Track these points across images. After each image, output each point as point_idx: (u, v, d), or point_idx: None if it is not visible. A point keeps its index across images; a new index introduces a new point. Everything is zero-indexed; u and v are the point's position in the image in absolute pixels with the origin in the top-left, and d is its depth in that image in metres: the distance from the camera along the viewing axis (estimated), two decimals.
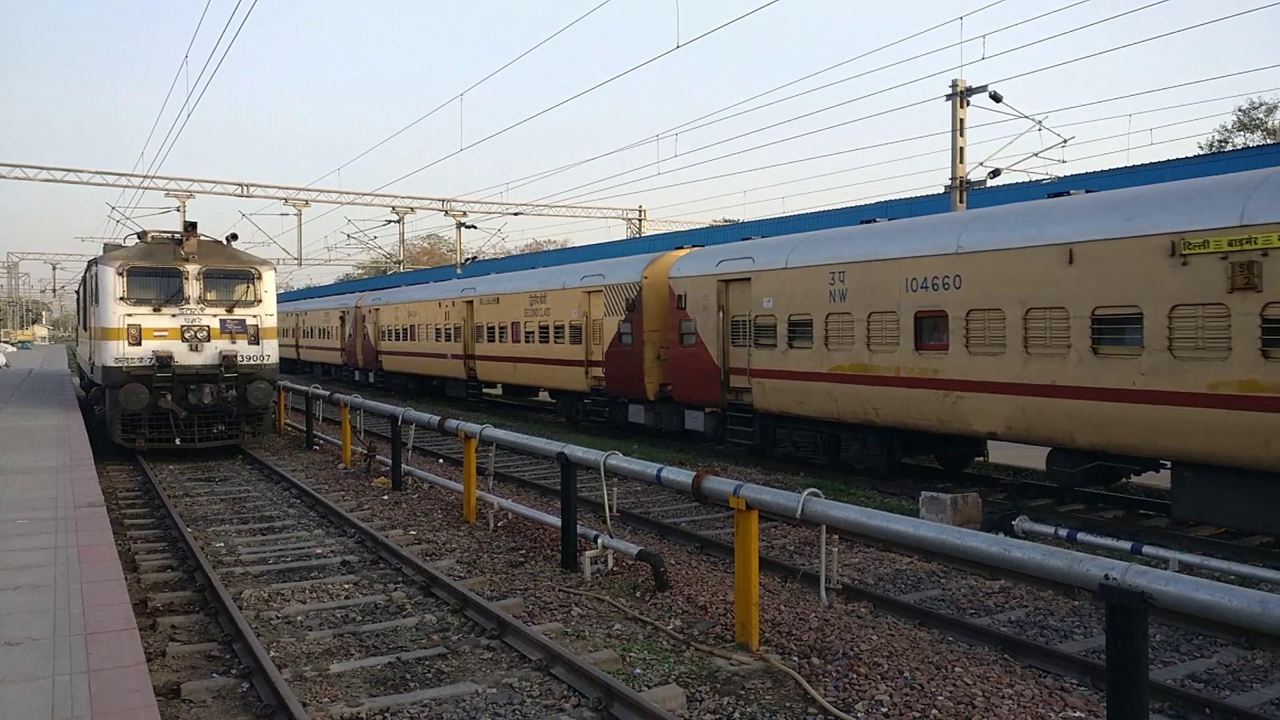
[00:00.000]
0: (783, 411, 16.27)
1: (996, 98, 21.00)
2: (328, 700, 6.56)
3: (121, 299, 18.42)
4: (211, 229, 67.74)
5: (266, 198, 45.20)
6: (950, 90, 21.59)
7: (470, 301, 28.89)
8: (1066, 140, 21.91)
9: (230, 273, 19.55)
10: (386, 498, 14.78)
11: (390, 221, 50.28)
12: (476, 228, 49.93)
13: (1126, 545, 10.15)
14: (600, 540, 10.05)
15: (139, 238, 20.32)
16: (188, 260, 19.07)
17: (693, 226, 48.85)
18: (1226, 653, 7.56)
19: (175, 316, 18.73)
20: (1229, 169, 14.08)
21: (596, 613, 8.62)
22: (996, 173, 21.78)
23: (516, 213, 51.24)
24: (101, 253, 20.01)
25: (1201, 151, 43.48)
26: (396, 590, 9.38)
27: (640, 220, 53.08)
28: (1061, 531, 10.76)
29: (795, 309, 15.78)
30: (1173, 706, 6.45)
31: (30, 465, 13.59)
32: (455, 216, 49.40)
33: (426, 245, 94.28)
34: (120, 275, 18.49)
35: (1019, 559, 5.59)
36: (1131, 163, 27.66)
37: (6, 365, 48.01)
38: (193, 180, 42.66)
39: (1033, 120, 21.67)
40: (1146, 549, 9.95)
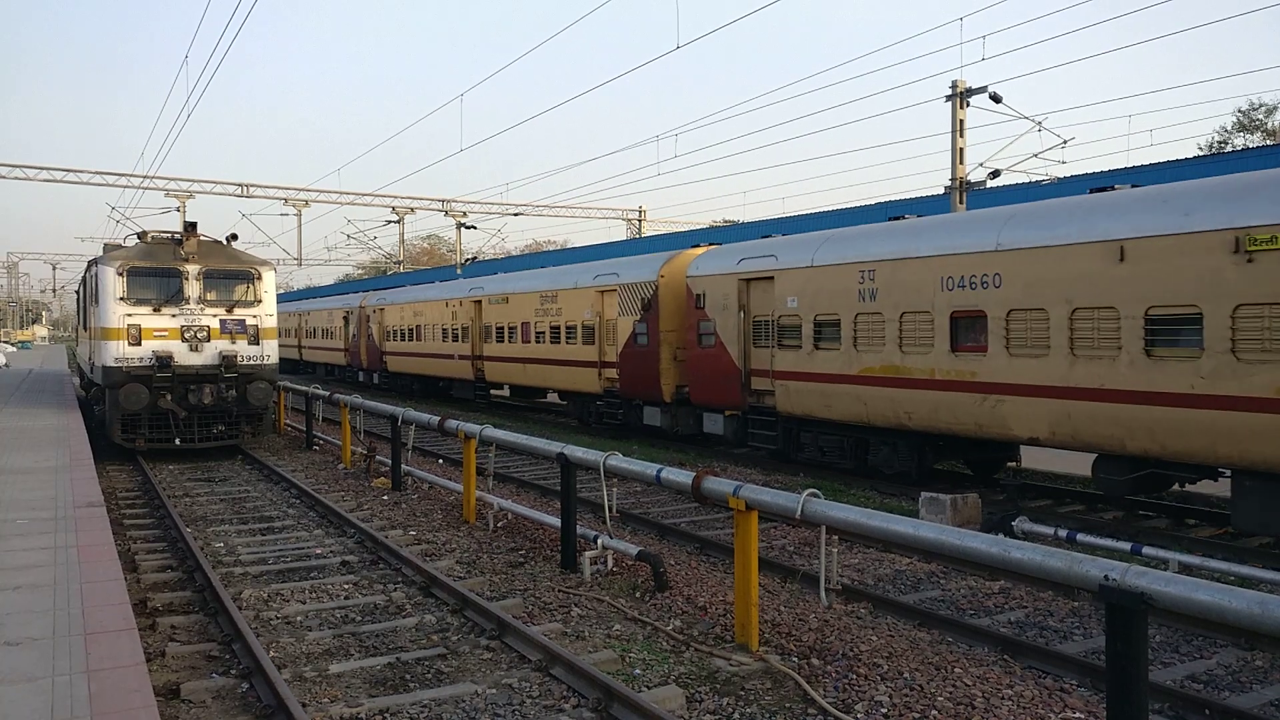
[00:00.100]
0: (807, 415, 15.74)
1: (996, 98, 21.01)
2: (327, 700, 6.56)
3: (121, 299, 18.43)
4: (211, 229, 67.76)
5: (266, 198, 45.20)
6: (950, 91, 21.59)
7: (478, 301, 28.44)
8: (1066, 141, 21.92)
9: (230, 273, 19.56)
10: (386, 498, 14.79)
11: (390, 222, 50.28)
12: (476, 228, 49.96)
13: (1126, 546, 10.15)
14: (600, 541, 10.05)
15: (139, 238, 20.34)
16: (188, 260, 19.08)
17: (693, 227, 48.84)
18: (1226, 654, 7.57)
19: (175, 316, 18.74)
20: (1229, 170, 14.06)
21: (596, 613, 8.62)
22: (996, 173, 21.79)
23: (516, 213, 51.26)
24: (101, 253, 20.02)
25: (1201, 152, 43.49)
26: (396, 590, 9.38)
27: (640, 221, 53.09)
28: (1061, 532, 10.75)
29: (822, 309, 15.27)
30: (1172, 707, 6.45)
31: (30, 465, 13.59)
32: (455, 217, 49.41)
33: (426, 246, 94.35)
34: (120, 275, 18.50)
35: (1019, 560, 5.59)
36: (1131, 164, 27.63)
37: (6, 365, 48.02)
38: (193, 180, 42.67)
39: (1032, 121, 21.68)
40: (1146, 550, 9.95)
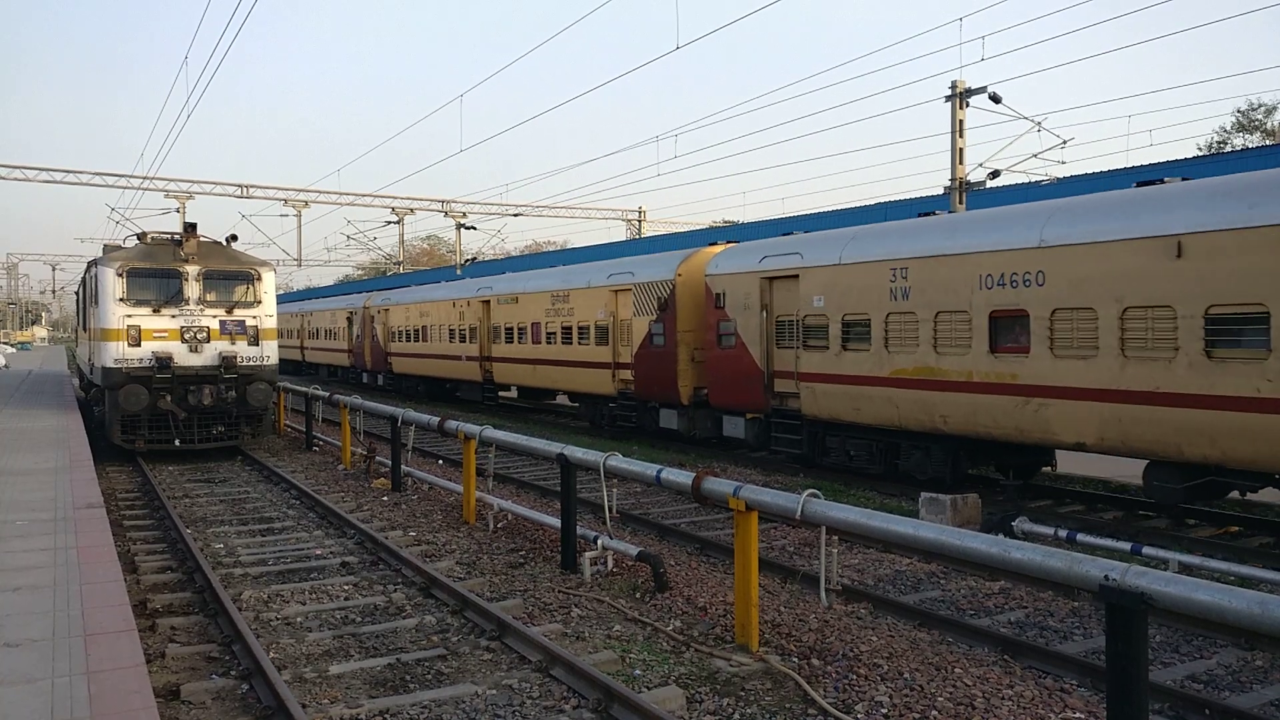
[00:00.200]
0: (834, 418, 15.18)
1: (996, 99, 21.01)
2: (327, 701, 6.56)
3: (121, 300, 18.44)
4: (211, 230, 67.70)
5: (266, 199, 45.23)
6: (950, 91, 21.60)
7: (487, 301, 27.94)
8: (1066, 141, 21.92)
9: (230, 274, 19.56)
10: (386, 499, 14.78)
11: (390, 222, 50.26)
12: (476, 229, 49.93)
13: (1126, 546, 10.14)
14: (600, 541, 10.05)
15: (139, 239, 20.35)
16: (187, 261, 19.09)
17: (693, 227, 48.82)
18: (1226, 654, 7.56)
19: (175, 317, 18.74)
20: (1229, 170, 14.04)
21: (596, 614, 8.62)
22: (996, 174, 21.79)
23: (516, 214, 51.25)
24: (101, 254, 20.03)
25: (1201, 152, 43.51)
26: (396, 591, 9.38)
27: (640, 221, 53.09)
28: (1061, 532, 10.75)
29: (850, 308, 14.71)
30: (1172, 707, 6.45)
31: (30, 466, 13.59)
32: (455, 218, 49.40)
33: (426, 246, 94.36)
34: (120, 276, 18.50)
35: (1019, 560, 5.59)
36: (1131, 164, 27.63)
37: (6, 366, 48.00)
38: (192, 181, 42.68)
39: (1032, 121, 21.68)
40: (1146, 550, 9.94)
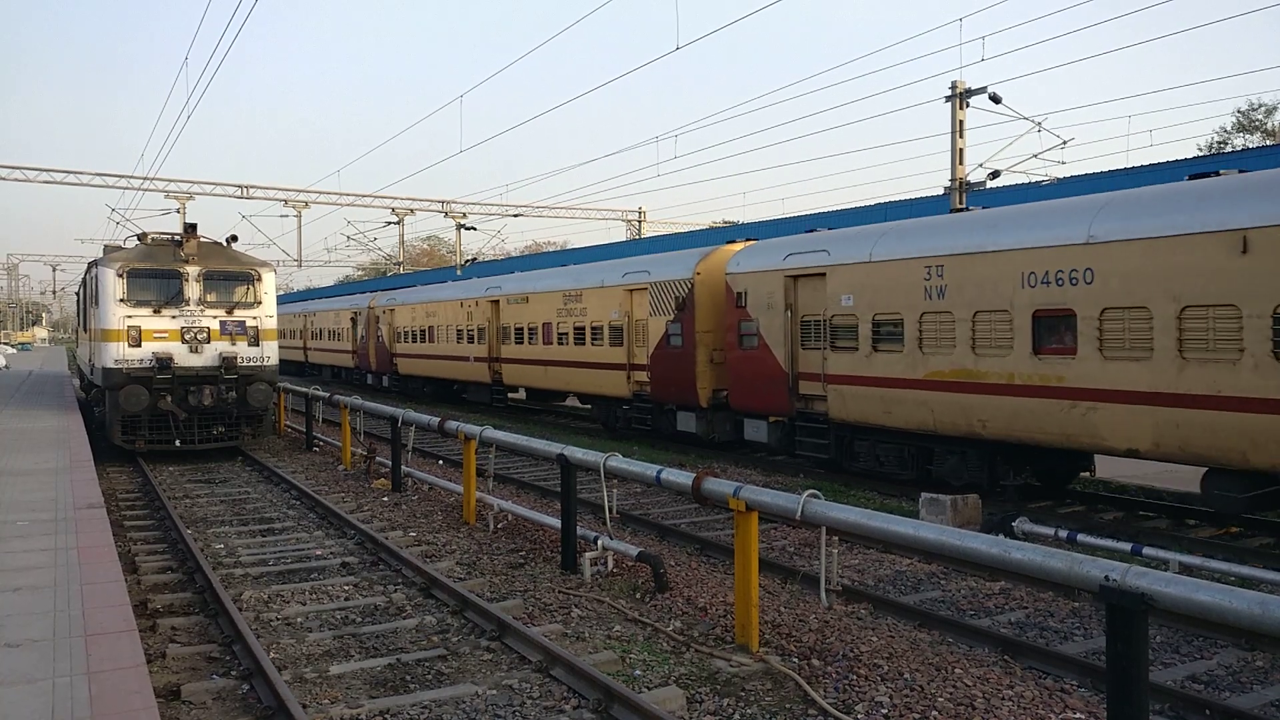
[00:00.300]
0: (863, 422, 14.61)
1: (996, 99, 21.00)
2: (328, 702, 6.56)
3: (121, 301, 18.44)
4: (211, 230, 67.78)
5: (266, 199, 45.20)
6: (950, 92, 21.60)
7: (496, 301, 27.39)
8: (1066, 141, 21.91)
9: (230, 274, 19.57)
10: (386, 499, 14.79)
11: (390, 223, 50.25)
12: (476, 229, 49.90)
13: (1126, 546, 10.14)
14: (600, 542, 10.05)
15: (139, 239, 20.35)
16: (188, 262, 19.10)
17: (693, 228, 48.81)
18: (1227, 654, 7.57)
19: (175, 318, 18.75)
20: (1230, 169, 14.01)
21: (596, 614, 8.62)
22: (996, 174, 21.78)
23: (516, 214, 51.23)
24: (101, 254, 20.03)
25: (1201, 152, 43.51)
26: (396, 592, 9.38)
27: (640, 222, 53.10)
28: (1061, 533, 10.75)
29: (881, 307, 14.17)
30: (1173, 708, 6.45)
31: (30, 467, 13.59)
32: (455, 218, 49.39)
33: (426, 247, 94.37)
34: (120, 277, 18.51)
35: (1019, 560, 5.59)
36: (1131, 164, 27.62)
37: (6, 367, 48.00)
38: (192, 182, 42.66)
39: (1032, 122, 21.67)
40: (1147, 550, 9.94)
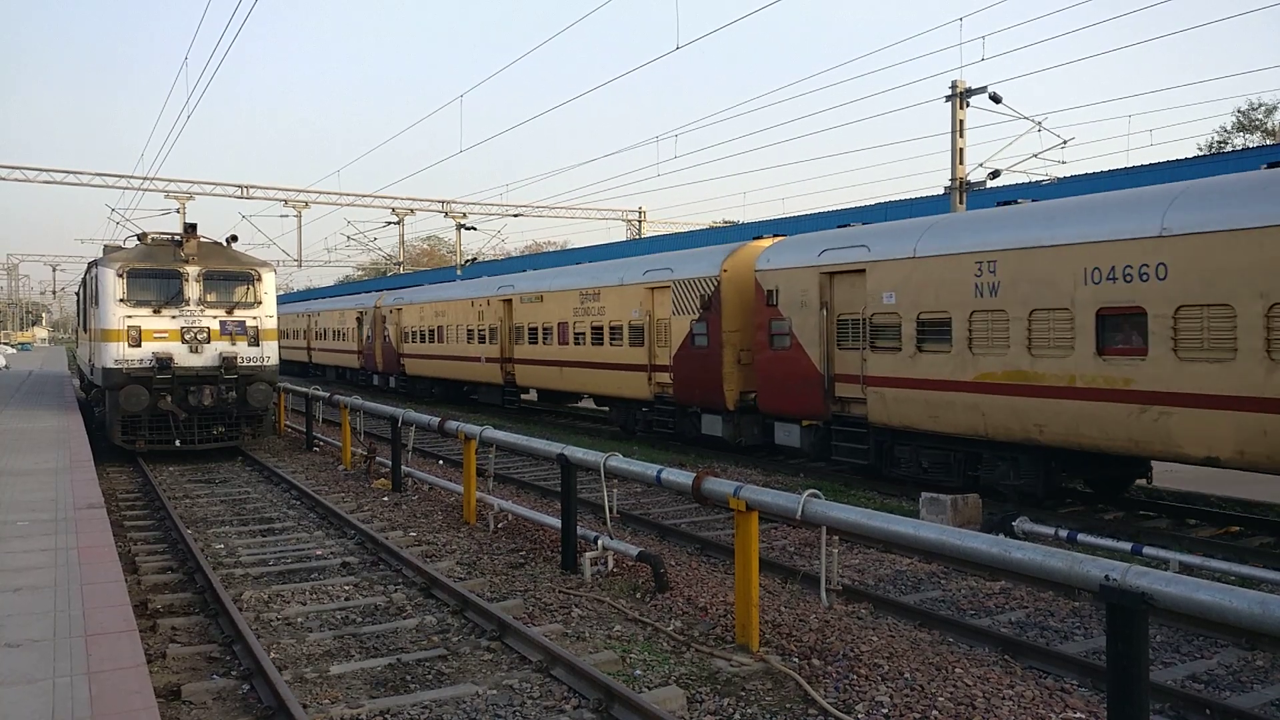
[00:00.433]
0: (906, 426, 13.97)
1: (996, 99, 21.00)
2: (328, 702, 6.56)
3: (121, 301, 18.44)
4: (211, 230, 67.78)
5: (266, 199, 45.25)
6: (950, 91, 21.59)
7: (508, 300, 26.59)
8: (1066, 141, 21.91)
9: (230, 274, 19.57)
10: (386, 499, 14.78)
11: (390, 223, 50.30)
12: (476, 229, 49.93)
13: (1127, 546, 10.14)
14: (600, 541, 10.05)
15: (139, 239, 20.34)
16: (188, 262, 19.10)
17: (693, 228, 48.82)
18: (1227, 654, 7.57)
19: (175, 318, 18.75)
20: (1229, 170, 14.01)
21: (596, 614, 8.62)
22: (996, 174, 21.77)
23: (516, 214, 51.25)
24: (101, 254, 20.03)
25: (1201, 152, 43.51)
26: (397, 592, 9.38)
27: (640, 221, 53.11)
28: (1062, 532, 10.75)
29: (927, 306, 13.49)
30: (1173, 707, 6.45)
31: (30, 467, 13.59)
32: (455, 218, 49.41)
33: (426, 247, 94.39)
34: (120, 277, 18.51)
35: (1019, 560, 5.59)
36: (1131, 164, 27.61)
37: (6, 367, 47.99)
38: (192, 182, 42.72)
39: (1032, 121, 21.67)
40: (1147, 550, 9.94)
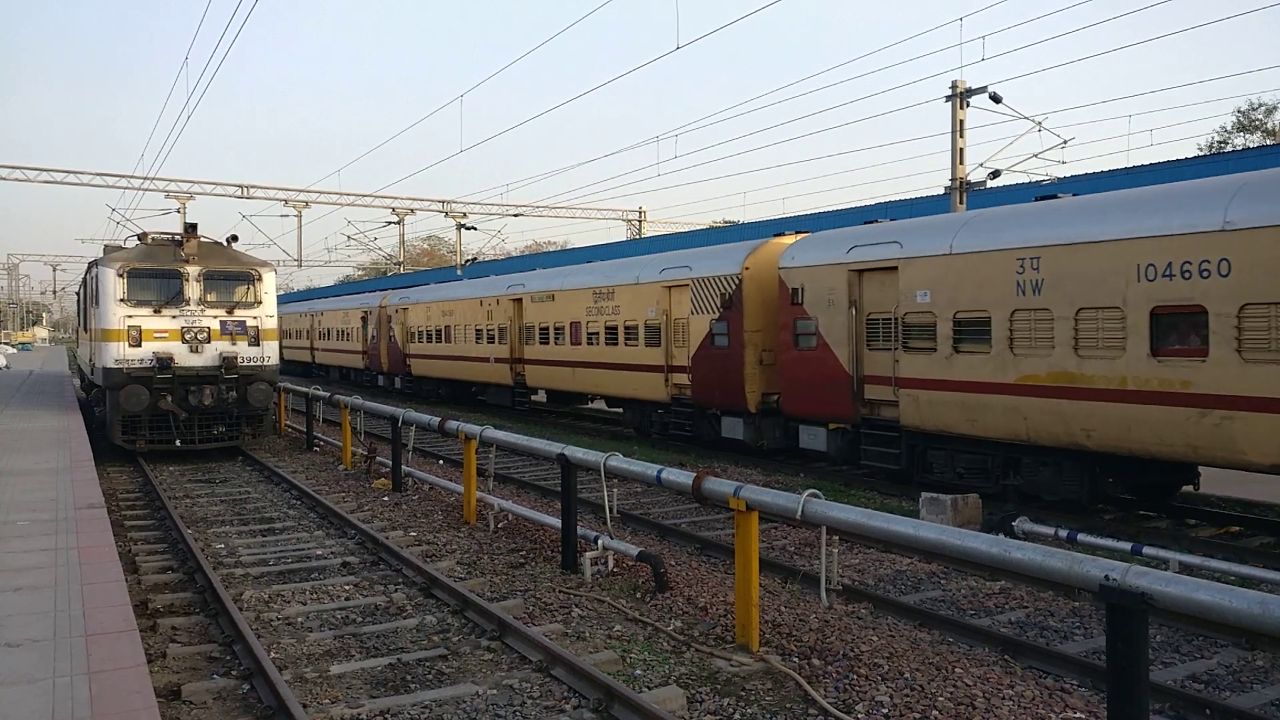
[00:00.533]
0: (941, 430, 13.49)
1: (996, 99, 21.01)
2: (328, 701, 6.57)
3: (122, 300, 18.45)
4: (212, 230, 67.72)
5: (267, 199, 45.26)
6: (950, 91, 21.60)
7: (519, 299, 26.08)
8: (1066, 141, 21.93)
9: (230, 274, 19.58)
10: (387, 499, 14.79)
11: (390, 223, 50.31)
12: (477, 229, 49.95)
13: (1126, 546, 10.15)
14: (600, 541, 10.05)
15: (139, 239, 20.35)
16: (188, 262, 19.10)
17: (694, 228, 48.82)
18: (1227, 653, 7.57)
19: (175, 318, 18.75)
20: (1230, 170, 13.99)
21: (597, 614, 8.62)
22: (996, 174, 21.79)
23: (516, 214, 51.27)
24: (102, 254, 20.04)
25: (1201, 152, 43.52)
26: (397, 591, 9.39)
27: (640, 221, 53.11)
28: (1061, 532, 10.75)
29: (964, 304, 13.02)
30: (1173, 707, 6.45)
31: (30, 467, 13.59)
32: (455, 218, 49.42)
33: (426, 247, 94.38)
34: (120, 277, 18.51)
35: (1019, 560, 5.59)
36: (1131, 164, 27.61)
37: (7, 367, 47.98)
38: (193, 182, 42.72)
39: (1032, 121, 21.68)
40: (1147, 550, 9.94)
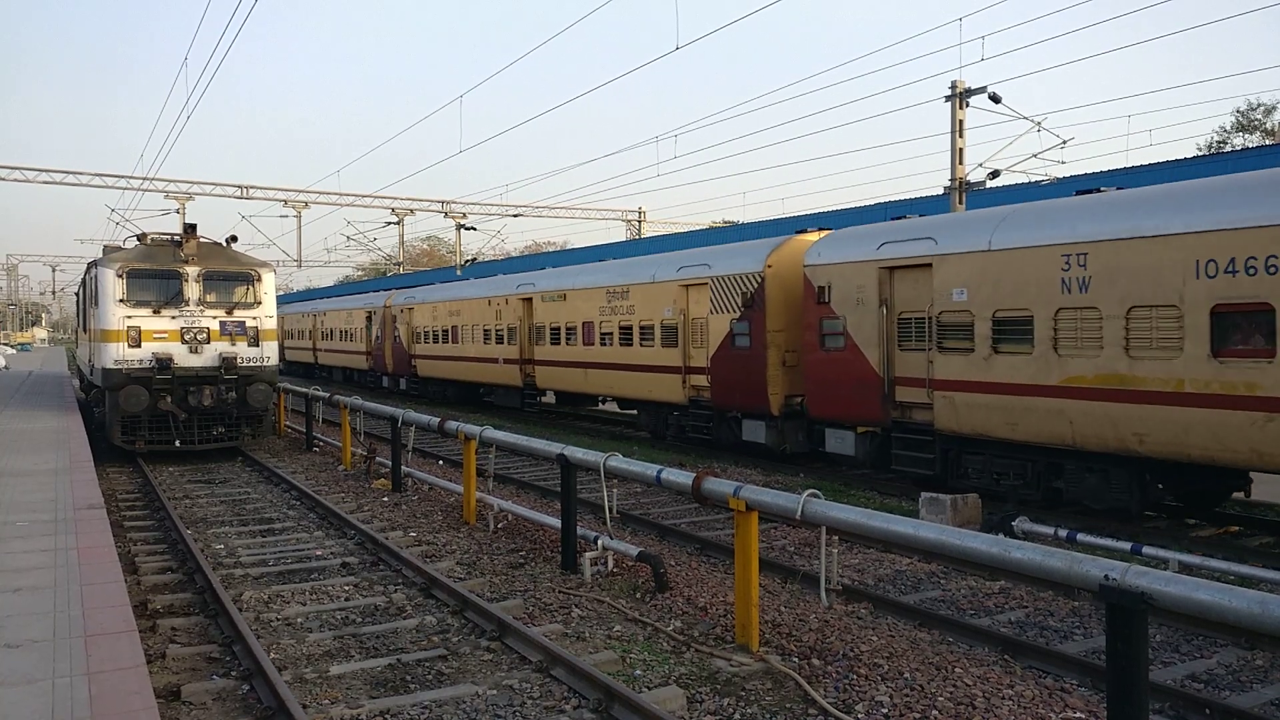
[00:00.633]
0: (979, 434, 13.04)
1: (996, 99, 21.01)
2: (328, 702, 6.56)
3: (121, 301, 18.44)
4: (211, 231, 67.85)
5: (266, 199, 45.24)
6: (950, 91, 21.60)
7: (529, 299, 25.63)
8: (1066, 141, 21.92)
9: (230, 274, 19.57)
10: (386, 499, 14.78)
11: (390, 223, 50.32)
12: (476, 229, 49.95)
13: (1126, 546, 10.15)
14: (600, 541, 10.05)
15: (138, 240, 20.34)
16: (187, 262, 19.10)
17: (693, 228, 48.84)
18: (1226, 653, 7.57)
19: (175, 318, 18.75)
20: (1230, 170, 13.99)
21: (596, 614, 8.62)
22: (996, 174, 21.78)
23: (516, 214, 51.27)
24: (101, 255, 20.03)
25: (1200, 152, 43.53)
26: (396, 592, 9.38)
27: (640, 222, 53.12)
28: (1061, 532, 10.75)
29: (1004, 303, 12.57)
30: (1173, 707, 6.45)
31: (30, 468, 13.59)
32: (455, 218, 49.42)
33: (426, 247, 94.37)
34: (120, 277, 18.51)
35: (1019, 560, 5.59)
36: (1131, 164, 27.57)
37: (6, 367, 47.96)
38: (192, 182, 42.71)
39: (1032, 121, 21.68)
40: (1146, 549, 9.94)
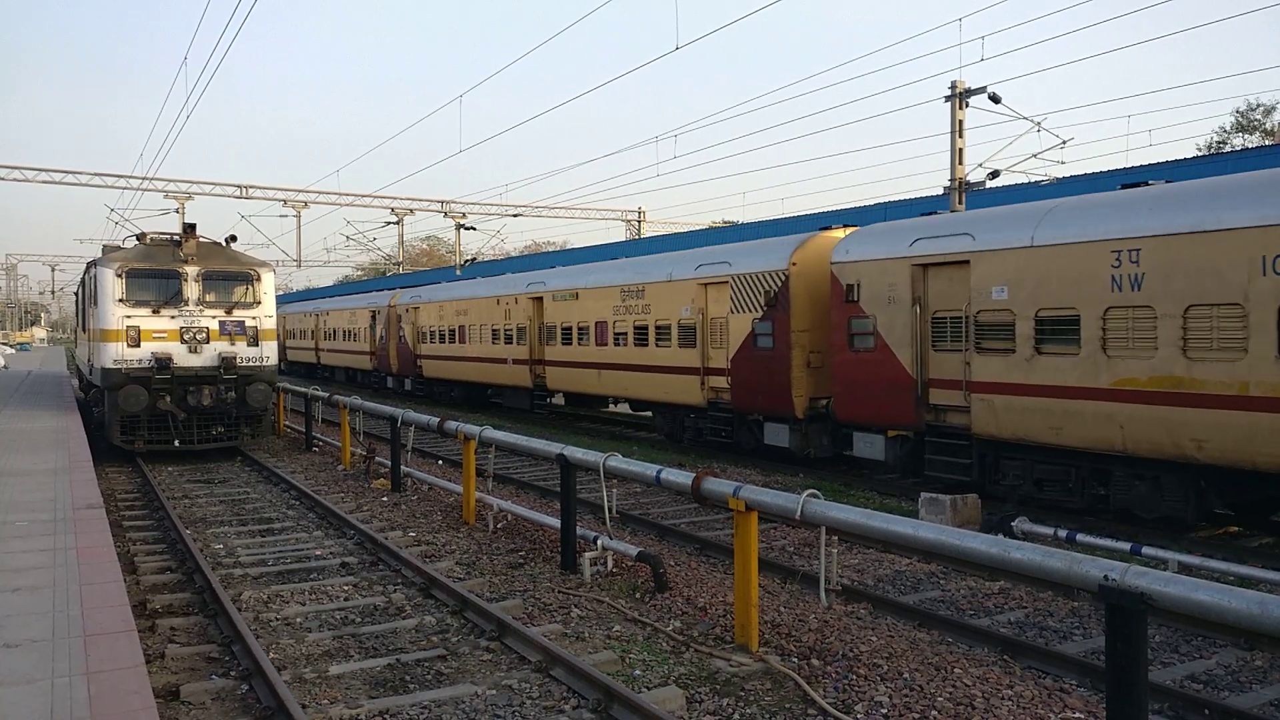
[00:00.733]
0: (1020, 438, 12.50)
1: (995, 99, 21.01)
2: (327, 702, 6.56)
3: (120, 301, 18.44)
4: (210, 230, 67.81)
5: (265, 199, 45.26)
6: (949, 91, 21.59)
7: (539, 298, 25.07)
8: (1066, 141, 21.93)
9: (229, 274, 19.57)
10: (386, 499, 14.78)
11: (389, 223, 50.32)
12: (476, 229, 49.98)
13: (1126, 546, 10.15)
14: (600, 542, 10.05)
15: (138, 239, 20.34)
16: (187, 262, 19.10)
17: (693, 228, 48.85)
18: (1226, 654, 7.57)
19: (174, 318, 18.75)
20: (1229, 170, 13.99)
21: (596, 614, 8.62)
22: (996, 174, 21.78)
23: (516, 214, 51.28)
24: (100, 254, 20.03)
25: (1200, 152, 43.54)
26: (396, 592, 9.38)
27: (640, 222, 53.13)
28: (1061, 532, 10.75)
29: (1048, 301, 12.06)
30: (1172, 707, 6.45)
31: (29, 467, 13.58)
32: (455, 218, 49.44)
33: (426, 247, 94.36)
34: (119, 277, 18.50)
35: (1018, 560, 5.59)
36: (1131, 164, 27.59)
37: (5, 367, 47.95)
38: (192, 182, 42.72)
39: (1032, 121, 21.68)
40: (1146, 550, 9.94)
